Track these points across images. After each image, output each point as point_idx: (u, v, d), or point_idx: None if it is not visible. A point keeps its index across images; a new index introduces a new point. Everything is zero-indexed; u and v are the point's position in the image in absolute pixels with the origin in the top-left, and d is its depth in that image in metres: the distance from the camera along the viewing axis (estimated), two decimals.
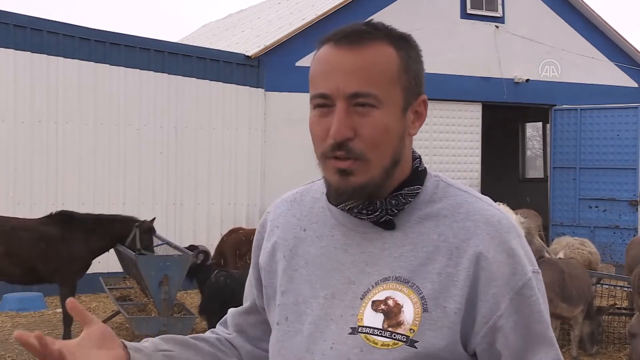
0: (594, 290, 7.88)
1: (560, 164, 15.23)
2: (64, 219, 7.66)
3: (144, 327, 7.17)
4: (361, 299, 1.46)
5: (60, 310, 9.85)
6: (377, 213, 1.47)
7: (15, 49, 10.79)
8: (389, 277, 1.45)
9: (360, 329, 1.44)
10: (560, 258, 8.64)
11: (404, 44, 1.48)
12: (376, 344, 1.42)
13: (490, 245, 1.43)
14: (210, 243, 10.47)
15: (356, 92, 1.41)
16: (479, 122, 14.70)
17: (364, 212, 1.47)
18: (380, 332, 1.42)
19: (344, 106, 1.41)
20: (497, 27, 14.71)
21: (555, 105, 15.30)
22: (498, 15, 14.74)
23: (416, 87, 1.49)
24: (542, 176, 19.81)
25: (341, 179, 1.43)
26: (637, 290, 6.85)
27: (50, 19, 11.29)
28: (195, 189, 11.86)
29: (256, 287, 1.68)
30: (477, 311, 1.42)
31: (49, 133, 10.95)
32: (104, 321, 8.82)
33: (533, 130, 25.00)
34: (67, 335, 7.46)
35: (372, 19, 1.54)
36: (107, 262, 10.03)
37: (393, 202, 1.47)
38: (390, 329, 1.42)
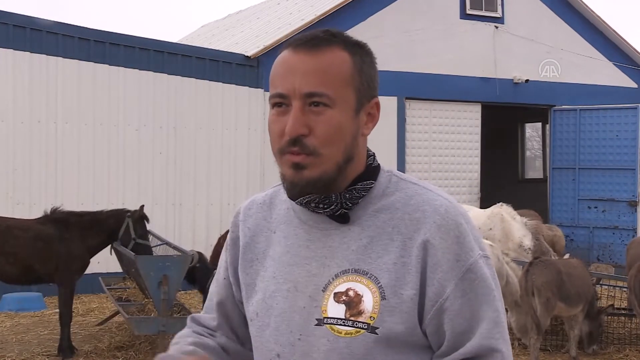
0: (595, 290, 7.86)
1: (560, 164, 15.23)
2: (61, 218, 7.62)
3: (143, 327, 7.16)
4: (323, 291, 1.56)
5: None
6: (333, 207, 1.57)
7: (14, 49, 10.79)
8: (349, 269, 1.55)
9: (325, 320, 1.54)
10: (558, 258, 8.63)
11: (358, 49, 1.60)
12: (340, 333, 1.52)
13: (437, 232, 1.52)
14: (210, 243, 10.46)
15: (311, 91, 1.52)
16: (479, 122, 14.69)
17: (321, 205, 1.57)
18: (343, 322, 1.53)
19: (299, 105, 1.52)
20: (496, 27, 14.71)
21: (554, 106, 15.29)
22: (497, 15, 14.74)
23: (369, 90, 1.61)
24: (541, 177, 19.79)
25: (295, 173, 1.54)
26: (633, 290, 6.84)
27: (49, 19, 11.29)
28: (194, 189, 11.86)
29: (234, 283, 1.76)
30: (426, 295, 1.52)
31: (48, 133, 10.94)
32: (104, 321, 8.82)
33: (532, 131, 24.99)
34: (65, 334, 7.44)
35: (328, 28, 1.63)
36: (106, 262, 10.01)
37: (347, 195, 1.57)
38: (352, 318, 1.52)
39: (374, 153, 1.65)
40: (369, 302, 1.51)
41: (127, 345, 7.79)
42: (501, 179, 18.77)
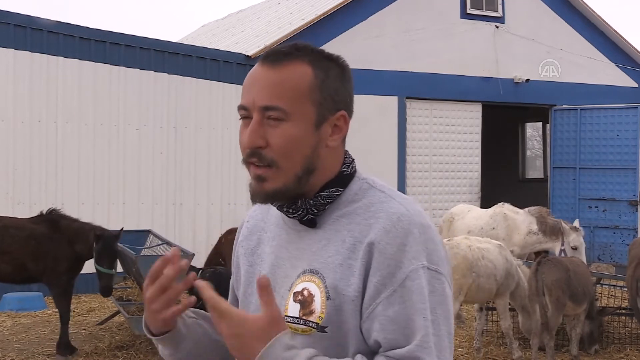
0: (595, 289, 7.88)
1: (560, 164, 15.23)
2: (53, 219, 7.62)
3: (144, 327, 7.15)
4: (288, 290, 1.63)
5: None
6: (300, 212, 1.63)
7: (15, 49, 10.78)
8: (306, 270, 1.61)
9: (286, 318, 1.59)
10: (563, 256, 8.63)
11: (326, 63, 1.62)
12: (297, 330, 1.58)
13: (383, 238, 1.54)
14: (210, 243, 10.46)
15: (266, 105, 1.57)
16: (479, 122, 14.69)
17: (290, 210, 1.64)
18: (297, 321, 1.59)
19: (257, 117, 1.58)
20: (497, 27, 14.71)
21: (555, 106, 15.30)
22: (498, 15, 14.74)
23: (333, 104, 1.62)
24: (542, 176, 19.81)
25: (257, 184, 1.61)
26: (631, 290, 6.83)
27: (50, 18, 11.28)
28: (195, 189, 11.85)
29: (235, 285, 1.87)
30: (364, 298, 1.54)
31: (49, 133, 10.94)
32: (104, 321, 8.82)
33: (533, 130, 24.99)
34: (64, 334, 7.43)
35: (296, 42, 1.67)
36: None
37: (312, 202, 1.63)
38: (304, 317, 1.58)
39: (352, 160, 1.68)
40: (318, 301, 1.57)
41: (128, 345, 7.79)
42: (502, 178, 18.78)
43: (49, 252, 7.41)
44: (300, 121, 1.57)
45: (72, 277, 7.62)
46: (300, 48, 1.62)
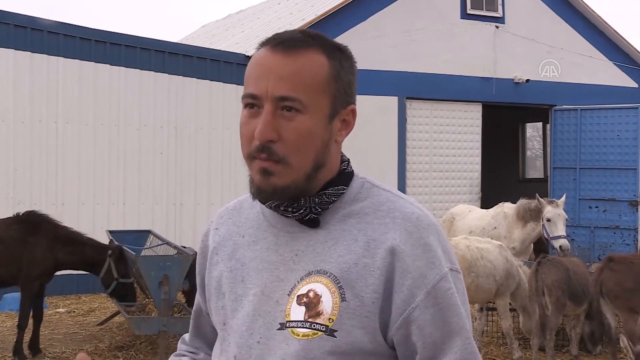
0: None
1: (561, 164, 15.22)
2: (30, 220, 7.37)
3: (144, 327, 7.16)
4: (288, 295, 1.51)
5: (62, 310, 9.85)
6: (302, 211, 1.53)
7: (15, 49, 10.79)
8: (312, 271, 1.50)
9: (287, 324, 1.49)
10: (563, 257, 8.63)
11: (338, 54, 1.54)
12: (298, 335, 1.46)
13: (407, 239, 1.47)
14: None
15: (283, 95, 1.46)
16: (479, 122, 14.69)
17: (289, 209, 1.53)
18: (301, 324, 1.47)
19: (271, 108, 1.47)
20: (497, 27, 14.71)
21: (555, 106, 15.30)
22: (498, 15, 14.74)
23: (345, 97, 1.54)
24: (542, 176, 19.80)
25: (263, 179, 1.49)
26: (596, 296, 6.83)
27: (50, 18, 11.29)
28: (195, 189, 11.86)
29: (200, 293, 1.76)
30: (392, 302, 1.46)
31: (49, 133, 10.94)
32: (105, 321, 8.82)
33: (533, 131, 25.01)
34: (20, 338, 7.26)
35: (306, 29, 1.59)
36: None
37: (317, 200, 1.53)
38: (310, 320, 1.46)
39: (348, 159, 1.61)
40: (327, 302, 1.45)
41: (128, 345, 7.79)
42: (502, 178, 18.78)
43: (22, 257, 7.15)
44: (315, 114, 1.48)
45: (44, 283, 7.40)
46: (314, 36, 1.53)
